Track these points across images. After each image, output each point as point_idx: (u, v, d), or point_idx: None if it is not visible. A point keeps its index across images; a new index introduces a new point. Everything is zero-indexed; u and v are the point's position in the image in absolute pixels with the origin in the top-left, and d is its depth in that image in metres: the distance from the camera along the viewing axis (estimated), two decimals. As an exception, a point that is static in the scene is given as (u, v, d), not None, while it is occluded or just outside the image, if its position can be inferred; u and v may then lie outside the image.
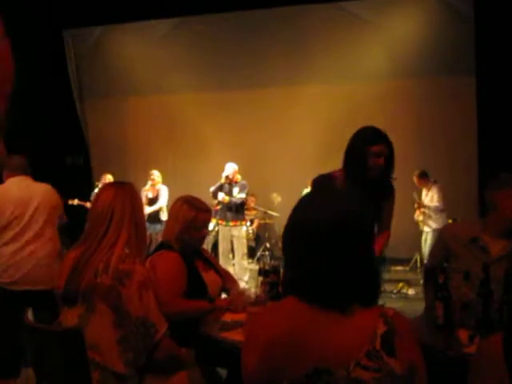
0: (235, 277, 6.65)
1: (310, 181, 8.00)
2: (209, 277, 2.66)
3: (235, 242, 6.72)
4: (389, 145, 2.67)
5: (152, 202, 7.41)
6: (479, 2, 7.74)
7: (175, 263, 2.47)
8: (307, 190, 8.08)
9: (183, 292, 2.45)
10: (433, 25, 8.09)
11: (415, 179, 6.87)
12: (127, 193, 2.06)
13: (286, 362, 1.16)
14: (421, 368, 1.16)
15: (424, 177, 6.82)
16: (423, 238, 6.91)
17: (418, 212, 6.86)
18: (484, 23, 7.63)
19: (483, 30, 7.65)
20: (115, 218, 1.98)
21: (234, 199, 6.64)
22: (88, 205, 7.84)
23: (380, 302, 3.03)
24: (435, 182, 6.80)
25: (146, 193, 7.44)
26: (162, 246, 2.60)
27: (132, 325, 1.88)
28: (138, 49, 9.39)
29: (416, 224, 7.07)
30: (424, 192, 6.90)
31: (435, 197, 6.67)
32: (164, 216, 7.55)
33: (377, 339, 1.13)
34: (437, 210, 6.63)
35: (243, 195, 6.75)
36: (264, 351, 1.19)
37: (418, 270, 7.17)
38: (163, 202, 7.46)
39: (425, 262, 6.52)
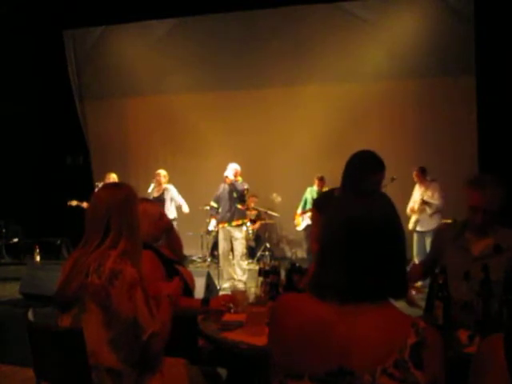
0: (236, 277, 6.71)
1: (314, 179, 7.99)
2: (183, 270, 2.64)
3: (234, 243, 6.71)
4: (378, 172, 2.66)
5: (158, 201, 7.22)
6: (479, 2, 7.75)
7: (150, 260, 2.41)
8: (313, 188, 8.04)
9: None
10: (433, 25, 8.10)
11: (415, 174, 6.79)
12: (123, 195, 2.06)
13: (311, 353, 1.15)
14: (442, 382, 1.15)
15: (424, 173, 6.76)
16: (416, 239, 6.79)
17: (415, 210, 6.69)
18: (484, 23, 7.64)
19: (483, 30, 7.66)
20: (113, 222, 1.99)
21: (236, 185, 6.58)
22: (86, 205, 7.81)
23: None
24: (433, 181, 6.74)
25: (153, 194, 7.26)
26: None
27: (122, 325, 1.88)
28: (138, 49, 9.40)
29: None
30: (419, 189, 6.81)
31: (436, 194, 6.57)
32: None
33: (406, 349, 1.11)
34: (438, 208, 6.54)
35: (246, 185, 6.70)
36: (292, 337, 1.19)
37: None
38: (180, 201, 7.34)
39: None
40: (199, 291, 4.20)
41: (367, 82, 8.58)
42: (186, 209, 7.28)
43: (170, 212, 7.13)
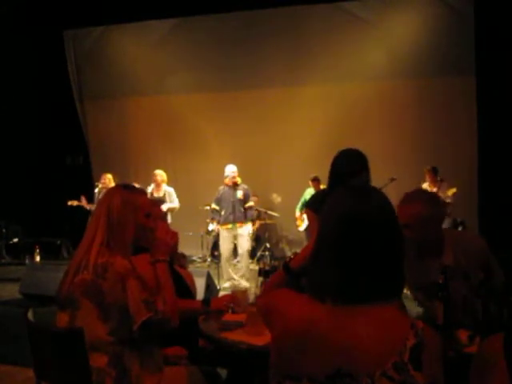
0: (236, 276, 6.70)
1: (310, 181, 8.03)
2: (182, 272, 2.62)
3: (240, 240, 6.71)
4: (364, 170, 2.55)
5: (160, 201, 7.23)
6: (479, 2, 7.75)
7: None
8: (310, 189, 8.05)
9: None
10: (433, 25, 8.10)
11: (427, 173, 6.84)
12: (120, 197, 2.07)
13: (309, 355, 1.15)
14: (441, 383, 1.15)
15: (436, 173, 6.81)
16: None
17: None
18: (484, 23, 7.65)
19: (483, 29, 7.67)
20: (100, 220, 2.02)
21: (238, 185, 6.68)
22: (87, 206, 7.82)
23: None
24: (442, 181, 6.79)
25: (152, 194, 7.27)
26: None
27: (119, 315, 1.90)
28: (138, 49, 9.40)
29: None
30: (429, 189, 6.83)
31: (448, 193, 6.62)
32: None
33: (406, 351, 1.10)
34: (450, 207, 6.59)
35: (251, 203, 6.82)
36: (290, 338, 1.18)
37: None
38: (176, 203, 7.33)
39: None
40: (199, 291, 4.20)
41: (367, 82, 8.57)
42: (175, 205, 7.27)
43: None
